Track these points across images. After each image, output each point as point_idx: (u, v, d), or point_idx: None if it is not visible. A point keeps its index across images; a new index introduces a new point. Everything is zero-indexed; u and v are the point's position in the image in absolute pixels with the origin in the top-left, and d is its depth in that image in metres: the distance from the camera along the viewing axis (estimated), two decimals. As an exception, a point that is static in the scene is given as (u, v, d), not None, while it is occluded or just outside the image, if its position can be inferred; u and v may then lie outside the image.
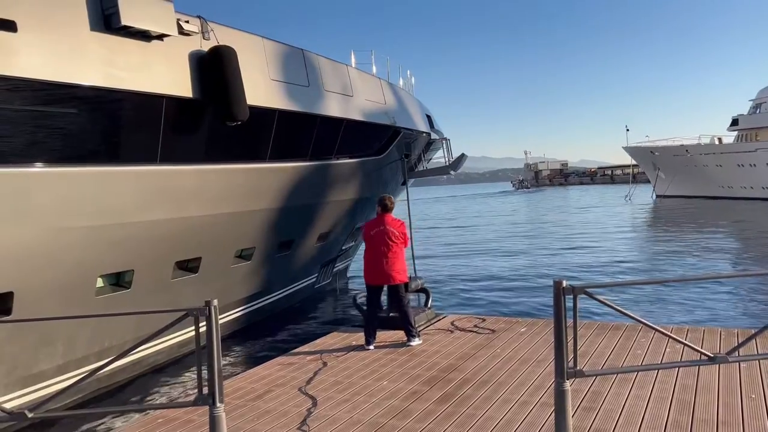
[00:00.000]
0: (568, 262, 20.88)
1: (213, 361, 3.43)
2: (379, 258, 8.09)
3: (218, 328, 3.46)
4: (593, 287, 3.82)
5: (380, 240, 8.10)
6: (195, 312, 3.43)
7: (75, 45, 7.65)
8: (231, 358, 10.67)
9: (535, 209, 58.83)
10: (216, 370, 3.43)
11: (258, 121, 10.20)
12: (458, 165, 18.88)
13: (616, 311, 4.02)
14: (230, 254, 11.26)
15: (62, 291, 8.13)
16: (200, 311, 3.42)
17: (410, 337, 8.11)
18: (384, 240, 8.07)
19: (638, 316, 4.09)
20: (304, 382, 6.66)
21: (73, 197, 7.95)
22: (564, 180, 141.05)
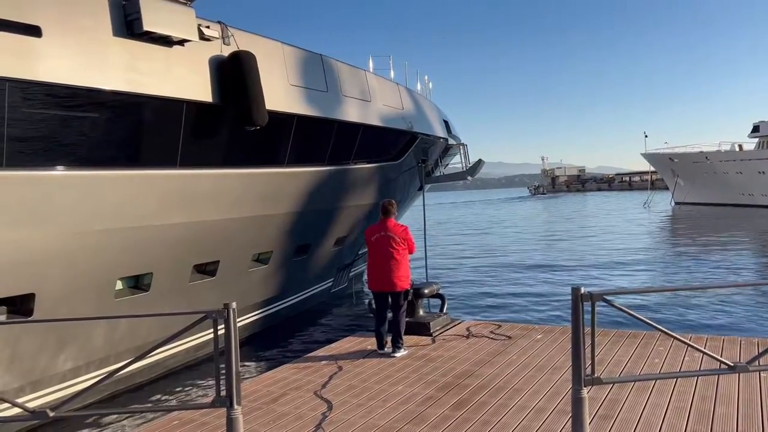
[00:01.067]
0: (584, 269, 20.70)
1: (231, 363, 3.45)
2: (381, 264, 7.93)
3: (236, 330, 3.49)
4: (612, 294, 3.79)
5: (382, 246, 7.94)
6: (214, 314, 3.46)
7: (98, 50, 7.75)
8: (247, 361, 10.70)
9: (552, 215, 58.43)
10: (234, 373, 3.45)
11: (277, 126, 10.26)
12: (475, 171, 18.84)
13: (634, 319, 3.98)
14: (248, 258, 11.32)
15: (82, 293, 8.22)
16: (219, 314, 3.45)
17: (395, 348, 7.91)
18: (386, 246, 7.91)
19: (657, 324, 4.05)
20: (320, 386, 6.66)
21: (93, 201, 8.04)
22: (581, 186, 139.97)
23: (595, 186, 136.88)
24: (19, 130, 7.01)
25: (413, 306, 8.82)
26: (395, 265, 7.86)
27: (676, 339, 4.10)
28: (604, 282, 18.00)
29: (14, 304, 7.62)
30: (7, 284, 7.34)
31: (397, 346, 7.93)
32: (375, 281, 8.09)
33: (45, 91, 7.16)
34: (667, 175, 63.65)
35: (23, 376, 7.77)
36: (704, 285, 15.73)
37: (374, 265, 8.05)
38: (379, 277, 7.97)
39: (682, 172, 59.35)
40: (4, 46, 6.74)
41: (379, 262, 7.97)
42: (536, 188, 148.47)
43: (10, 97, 6.84)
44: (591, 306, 3.71)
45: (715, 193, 56.08)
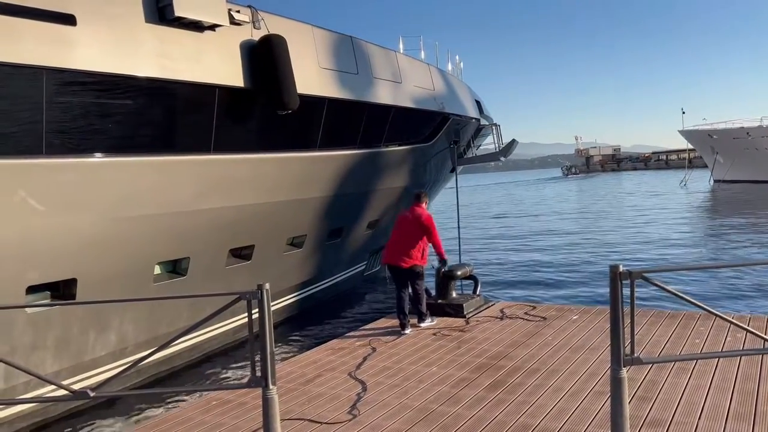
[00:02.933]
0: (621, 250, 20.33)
1: (265, 344, 3.46)
2: (395, 240, 8.51)
3: (270, 311, 3.49)
4: (651, 272, 3.69)
5: (403, 224, 8.50)
6: (248, 296, 3.47)
7: (130, 37, 7.81)
8: (283, 344, 10.80)
9: (586, 195, 57.52)
10: (268, 353, 3.47)
11: (308, 109, 10.25)
12: (509, 151, 18.54)
13: (672, 298, 3.88)
14: (282, 242, 11.39)
15: (122, 278, 8.36)
16: (253, 295, 3.46)
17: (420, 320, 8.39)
18: (406, 225, 8.44)
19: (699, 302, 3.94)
20: (354, 367, 6.69)
21: (131, 186, 8.15)
22: (616, 165, 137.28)
23: (630, 165, 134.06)
24: (57, 118, 7.12)
25: (446, 288, 8.79)
26: (407, 243, 8.30)
27: (720, 317, 3.97)
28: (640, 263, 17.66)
29: (57, 289, 7.80)
30: (50, 270, 7.52)
31: (421, 319, 8.41)
32: (386, 254, 8.64)
33: (80, 78, 7.25)
34: (705, 153, 61.92)
35: (68, 359, 7.97)
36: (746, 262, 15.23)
37: (391, 240, 8.62)
38: (390, 250, 8.54)
39: (721, 149, 57.63)
40: (40, 35, 6.84)
41: (394, 237, 8.54)
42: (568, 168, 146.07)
43: (47, 86, 6.95)
44: (630, 284, 3.61)
45: (757, 170, 54.32)
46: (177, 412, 5.92)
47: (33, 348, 7.49)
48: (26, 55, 6.71)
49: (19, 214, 7.02)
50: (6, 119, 6.70)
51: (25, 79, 6.75)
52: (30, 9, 6.76)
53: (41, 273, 7.41)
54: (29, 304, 7.22)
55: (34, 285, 7.38)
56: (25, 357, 7.40)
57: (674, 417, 4.95)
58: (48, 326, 7.63)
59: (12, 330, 7.23)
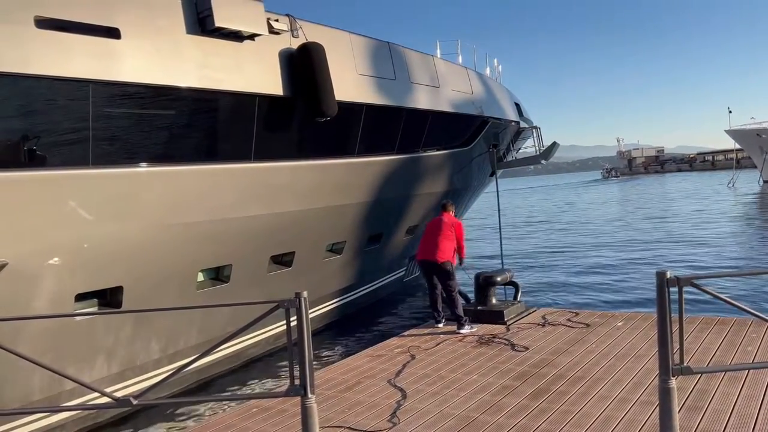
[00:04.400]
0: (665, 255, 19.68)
1: (304, 352, 3.43)
2: (427, 238, 8.83)
3: (308, 319, 3.46)
4: (701, 278, 3.54)
5: (434, 226, 8.91)
6: (286, 304, 3.45)
7: (173, 49, 7.93)
8: (323, 350, 10.81)
9: (626, 199, 56.13)
10: (307, 361, 3.44)
11: (346, 116, 10.26)
12: (550, 154, 18.21)
13: (722, 305, 3.72)
14: (322, 248, 11.40)
15: (166, 285, 8.47)
16: (291, 303, 3.44)
17: (459, 326, 8.38)
18: (437, 226, 8.82)
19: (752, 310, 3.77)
20: (394, 374, 6.62)
21: (174, 195, 8.26)
22: (660, 167, 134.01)
23: (674, 167, 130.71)
24: (103, 129, 7.28)
25: (486, 294, 8.66)
26: (440, 240, 8.60)
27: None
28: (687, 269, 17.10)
29: (104, 296, 7.95)
30: (98, 277, 7.67)
31: (460, 324, 8.41)
32: (421, 251, 8.93)
33: (126, 91, 7.39)
34: (754, 153, 59.87)
35: (115, 366, 8.12)
36: None
37: (424, 240, 8.95)
38: (423, 248, 8.84)
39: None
40: (86, 48, 7.00)
41: (426, 237, 8.91)
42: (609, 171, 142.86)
43: (94, 98, 7.10)
44: (678, 291, 3.47)
45: (808, 169, 52.35)
46: (219, 418, 5.95)
47: (81, 354, 7.65)
48: (73, 68, 6.87)
49: (69, 224, 7.19)
50: (54, 131, 6.87)
51: (72, 92, 6.91)
52: (76, 24, 6.93)
53: (89, 281, 7.56)
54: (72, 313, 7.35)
55: (82, 293, 7.54)
56: (74, 363, 7.56)
57: (726, 429, 4.74)
58: (95, 333, 7.77)
59: (60, 337, 7.40)
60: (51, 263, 7.05)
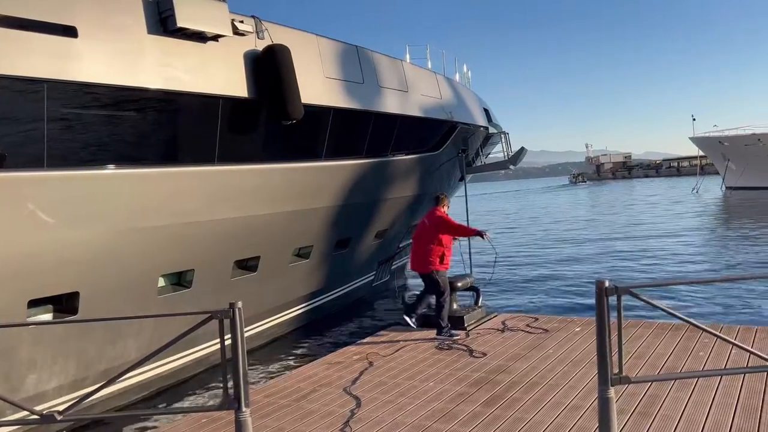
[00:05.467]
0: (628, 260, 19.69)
1: (238, 364, 3.28)
2: (414, 246, 8.59)
3: (243, 331, 3.31)
4: (638, 287, 3.46)
5: (418, 230, 8.65)
6: (219, 315, 3.29)
7: (133, 48, 7.70)
8: (281, 357, 10.51)
9: (594, 204, 56.60)
10: (241, 374, 3.28)
11: (313, 119, 10.11)
12: (518, 159, 18.24)
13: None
14: (288, 253, 11.21)
15: (125, 291, 8.20)
16: (224, 314, 3.28)
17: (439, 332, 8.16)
18: (420, 230, 8.57)
19: (696, 319, 3.71)
20: (350, 382, 6.47)
21: (134, 198, 8.02)
22: (627, 173, 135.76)
23: (641, 172, 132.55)
24: (58, 130, 7.02)
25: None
26: (425, 249, 8.26)
27: (715, 335, 3.72)
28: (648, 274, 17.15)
29: (60, 302, 7.67)
30: (53, 283, 7.38)
31: (439, 332, 8.16)
32: (411, 260, 8.72)
33: (82, 91, 7.15)
34: (717, 160, 61.00)
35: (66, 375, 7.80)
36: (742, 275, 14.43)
37: (413, 246, 8.70)
38: (414, 257, 8.60)
39: (733, 156, 56.73)
40: (41, 47, 6.74)
41: (414, 243, 8.64)
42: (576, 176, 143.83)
43: (49, 98, 6.85)
44: (617, 299, 3.40)
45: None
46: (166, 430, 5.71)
47: (29, 363, 7.30)
48: (27, 67, 6.61)
49: (22, 227, 6.91)
50: (6, 132, 6.60)
51: (26, 92, 6.65)
52: (31, 21, 6.67)
53: (43, 286, 7.27)
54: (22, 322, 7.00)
55: (35, 299, 7.25)
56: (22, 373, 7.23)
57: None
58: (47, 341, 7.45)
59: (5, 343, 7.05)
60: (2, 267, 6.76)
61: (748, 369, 5.70)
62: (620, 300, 3.38)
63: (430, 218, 8.40)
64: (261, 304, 10.86)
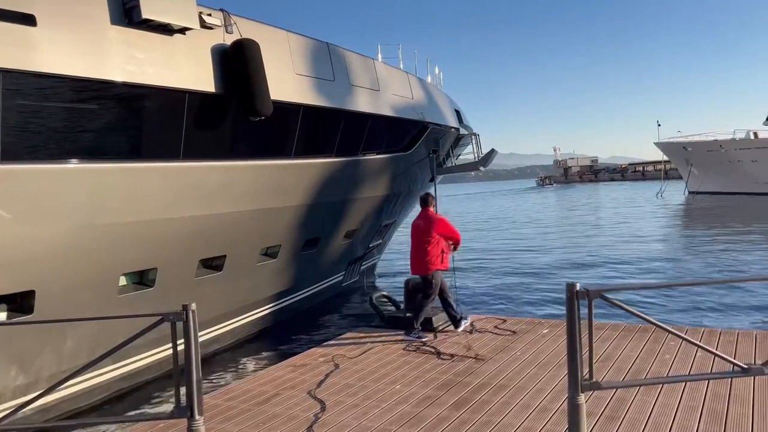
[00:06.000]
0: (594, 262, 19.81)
1: (191, 371, 3.07)
2: (414, 250, 8.33)
3: (197, 335, 3.11)
4: (610, 290, 3.35)
5: (414, 233, 8.40)
6: (171, 317, 3.08)
7: (95, 39, 7.39)
8: (247, 359, 10.22)
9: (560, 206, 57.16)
10: (194, 381, 3.08)
11: (282, 116, 9.87)
12: (488, 161, 18.19)
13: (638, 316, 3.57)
14: (255, 252, 10.95)
15: (84, 290, 7.88)
16: (176, 316, 3.07)
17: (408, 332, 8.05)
18: (416, 233, 8.32)
19: (662, 322, 3.64)
20: (315, 385, 6.27)
21: (95, 194, 7.70)
22: (594, 176, 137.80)
23: (607, 176, 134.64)
24: (14, 122, 6.68)
25: (415, 300, 8.41)
26: (425, 251, 8.09)
27: (682, 338, 3.64)
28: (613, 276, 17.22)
29: (14, 301, 7.32)
30: (7, 281, 7.03)
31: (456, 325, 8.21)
32: (412, 266, 8.44)
33: (41, 82, 6.82)
34: (680, 165, 62.21)
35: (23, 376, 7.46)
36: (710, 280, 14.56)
37: (412, 251, 8.43)
38: (412, 263, 8.38)
39: (696, 161, 57.92)
40: (-5, 35, 6.41)
41: (412, 249, 8.39)
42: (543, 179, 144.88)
43: (4, 89, 6.51)
44: (588, 304, 3.28)
45: (730, 181, 54.63)
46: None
47: None
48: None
49: None
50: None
51: None
52: None
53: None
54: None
55: None
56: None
57: (641, 440, 4.63)
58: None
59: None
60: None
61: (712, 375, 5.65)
62: (591, 304, 3.27)
63: (425, 219, 8.28)
64: (227, 304, 10.59)
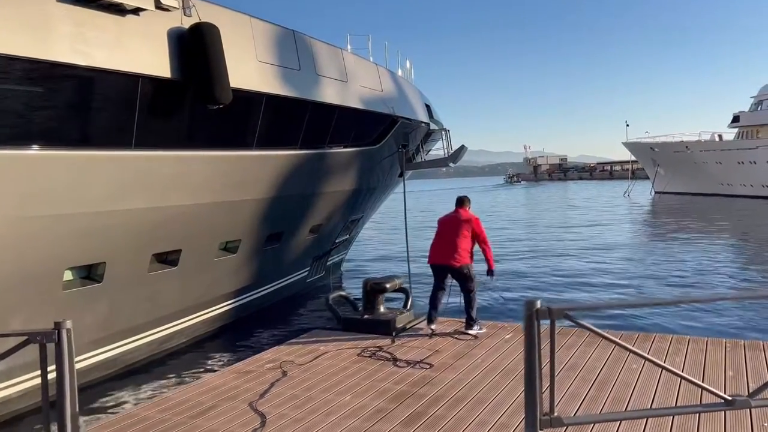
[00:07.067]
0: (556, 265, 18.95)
1: (64, 401, 2.50)
2: (444, 240, 7.97)
3: (72, 359, 2.53)
4: (573, 310, 2.85)
5: (450, 225, 8.05)
6: (39, 337, 2.49)
7: (38, 16, 6.70)
8: (194, 363, 9.46)
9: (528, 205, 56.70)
10: (68, 415, 2.50)
11: (244, 105, 9.27)
12: (458, 157, 17.70)
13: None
14: (213, 247, 10.32)
15: (24, 285, 7.23)
16: (46, 336, 2.49)
17: (468, 325, 7.79)
18: (453, 225, 7.99)
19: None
20: (258, 396, 5.68)
21: (37, 184, 7.03)
22: (563, 175, 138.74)
23: (576, 175, 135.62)
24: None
25: (374, 302, 7.88)
26: (458, 241, 7.82)
27: (651, 361, 3.16)
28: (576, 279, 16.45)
29: None
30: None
31: (469, 324, 7.84)
32: (435, 254, 8.04)
33: None
34: (647, 165, 62.71)
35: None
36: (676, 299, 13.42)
37: (438, 241, 8.07)
38: (438, 251, 7.97)
39: (662, 162, 58.42)
40: None
41: (443, 238, 8.02)
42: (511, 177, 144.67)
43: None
44: (550, 324, 2.79)
45: (695, 182, 55.22)
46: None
47: None
48: None
49: None
50: None
51: None
52: None
53: None
54: None
55: None
56: None
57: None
58: None
59: None
60: None
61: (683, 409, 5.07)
62: (554, 324, 2.77)
63: (463, 217, 8.01)
64: (182, 300, 9.96)
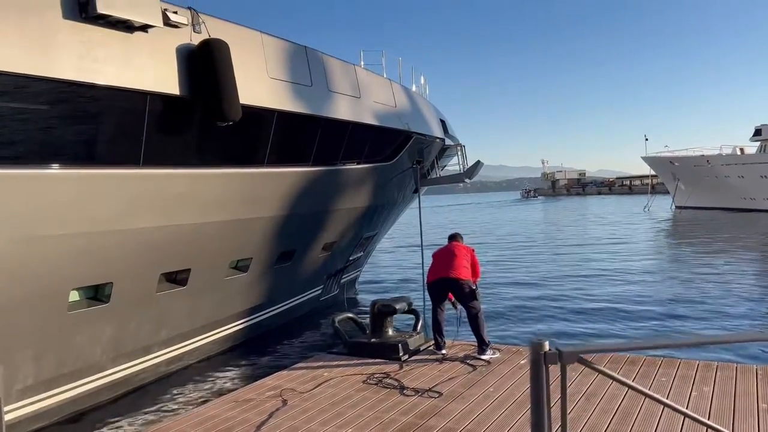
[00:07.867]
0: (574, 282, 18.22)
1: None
2: (440, 261, 7.87)
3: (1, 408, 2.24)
4: (587, 352, 2.51)
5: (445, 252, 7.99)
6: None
7: (46, 34, 6.57)
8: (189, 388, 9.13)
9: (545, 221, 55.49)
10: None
11: (254, 122, 9.08)
12: (473, 173, 17.37)
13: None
14: (224, 265, 10.09)
15: (29, 305, 7.05)
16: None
17: (480, 350, 7.42)
18: (449, 252, 7.93)
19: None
20: (255, 427, 5.34)
21: (44, 203, 6.87)
22: (582, 190, 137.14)
23: (595, 190, 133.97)
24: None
25: (382, 324, 7.53)
26: (459, 260, 7.73)
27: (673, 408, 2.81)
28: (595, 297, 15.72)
29: None
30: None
31: (482, 349, 7.45)
32: (436, 270, 7.84)
33: None
34: (667, 179, 61.65)
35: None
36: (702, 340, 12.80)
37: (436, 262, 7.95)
38: (437, 268, 7.81)
39: (682, 176, 57.37)
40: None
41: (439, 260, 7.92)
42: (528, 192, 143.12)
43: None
44: (561, 369, 2.45)
45: (716, 197, 54.05)
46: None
47: None
48: None
49: None
50: None
51: None
52: None
53: None
54: None
55: None
56: None
57: None
58: None
59: None
60: None
61: None
62: (564, 370, 2.44)
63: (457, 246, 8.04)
64: (192, 321, 9.74)
